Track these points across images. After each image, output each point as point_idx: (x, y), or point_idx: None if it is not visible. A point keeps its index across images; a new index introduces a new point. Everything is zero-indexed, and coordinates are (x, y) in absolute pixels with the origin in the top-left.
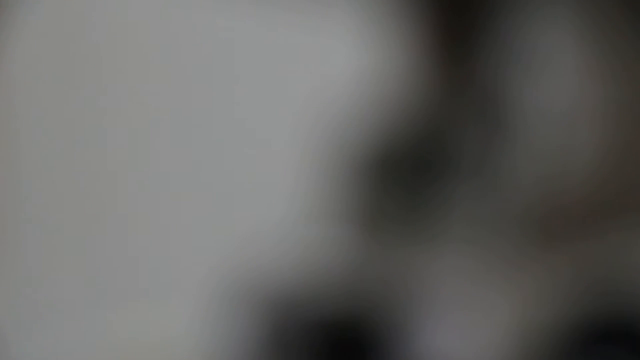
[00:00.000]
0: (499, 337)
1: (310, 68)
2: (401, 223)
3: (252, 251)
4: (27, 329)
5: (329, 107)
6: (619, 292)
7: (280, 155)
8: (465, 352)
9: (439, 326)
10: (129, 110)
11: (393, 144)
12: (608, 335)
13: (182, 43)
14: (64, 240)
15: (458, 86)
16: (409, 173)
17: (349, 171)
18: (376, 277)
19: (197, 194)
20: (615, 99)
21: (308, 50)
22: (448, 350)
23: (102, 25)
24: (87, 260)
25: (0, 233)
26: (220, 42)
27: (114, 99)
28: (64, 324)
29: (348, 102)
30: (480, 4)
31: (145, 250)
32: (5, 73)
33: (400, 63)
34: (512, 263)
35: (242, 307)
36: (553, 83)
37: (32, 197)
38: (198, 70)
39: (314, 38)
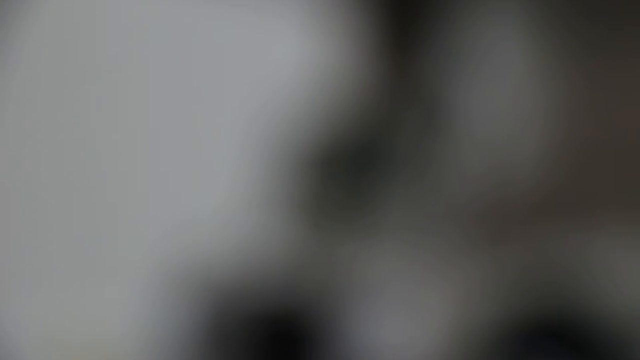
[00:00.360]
0: (434, 332)
1: (257, 58)
2: (341, 217)
3: (194, 239)
4: None
5: (274, 98)
6: (553, 291)
7: (226, 143)
8: (401, 346)
9: (376, 320)
10: (77, 101)
11: (336, 139)
12: (541, 332)
13: (132, 34)
14: (6, 223)
15: (401, 83)
16: (352, 168)
17: (293, 162)
18: (316, 270)
19: (139, 181)
20: (564, 98)
21: (255, 40)
22: (384, 344)
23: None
24: (27, 245)
25: None
26: (170, 32)
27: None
28: (4, 307)
29: (293, 94)
30: (425, 1)
31: (87, 236)
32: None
33: (344, 58)
34: (449, 259)
35: (182, 296)
36: (496, 81)
37: None
38: (144, 60)
39: (261, 30)
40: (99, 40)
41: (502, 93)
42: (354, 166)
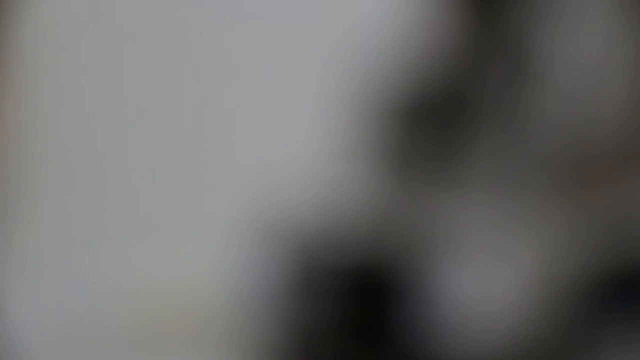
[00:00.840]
0: (522, 284)
1: (341, 8)
2: (428, 169)
3: (280, 191)
4: (48, 263)
5: (359, 49)
6: None
7: (312, 95)
8: (489, 298)
9: (463, 272)
10: (156, 46)
11: (423, 90)
12: (631, 284)
13: None
14: (86, 174)
15: (487, 35)
16: (439, 120)
17: (380, 114)
18: (402, 222)
19: (227, 132)
20: None
21: None
22: (472, 296)
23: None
24: (112, 197)
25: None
26: None
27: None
28: (86, 260)
29: (378, 44)
30: None
31: (174, 189)
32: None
33: (430, 7)
34: (537, 210)
35: (267, 247)
36: (584, 32)
37: (52, 129)
38: (228, 10)
39: None
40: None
41: (591, 45)
42: (440, 116)
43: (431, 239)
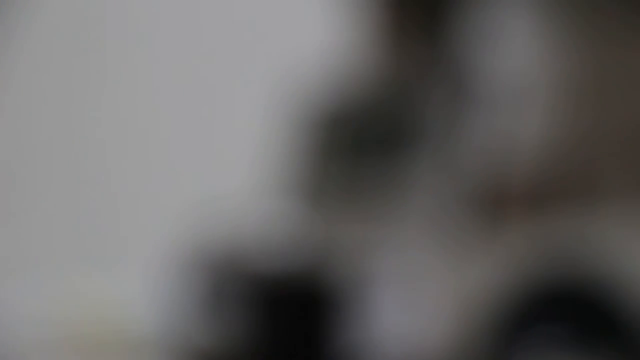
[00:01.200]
0: (446, 313)
1: (273, 44)
2: (355, 197)
3: (204, 220)
4: None
5: (289, 82)
6: (567, 270)
7: (237, 125)
8: (412, 326)
9: (387, 301)
10: (89, 82)
11: (352, 119)
12: (554, 313)
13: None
14: (6, 203)
15: (421, 64)
16: (368, 148)
17: (306, 143)
18: (327, 251)
19: (152, 162)
20: (574, 82)
21: (271, 25)
22: (395, 324)
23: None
24: (33, 226)
25: None
26: (186, 10)
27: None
28: (16, 286)
29: (309, 76)
30: None
31: (99, 215)
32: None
33: (364, 37)
34: (462, 240)
35: (190, 274)
36: (510, 64)
37: None
38: (159, 36)
39: (279, 9)
40: (119, 17)
41: (513, 80)
42: (374, 149)
43: (356, 268)
